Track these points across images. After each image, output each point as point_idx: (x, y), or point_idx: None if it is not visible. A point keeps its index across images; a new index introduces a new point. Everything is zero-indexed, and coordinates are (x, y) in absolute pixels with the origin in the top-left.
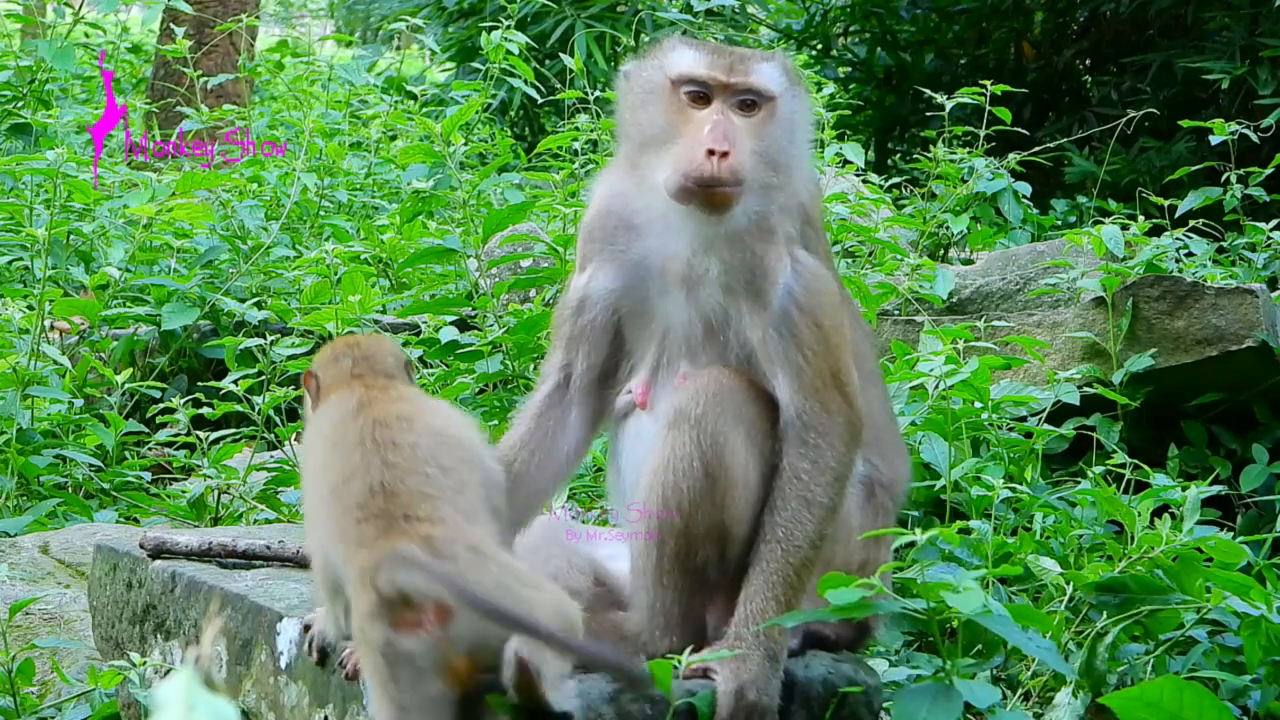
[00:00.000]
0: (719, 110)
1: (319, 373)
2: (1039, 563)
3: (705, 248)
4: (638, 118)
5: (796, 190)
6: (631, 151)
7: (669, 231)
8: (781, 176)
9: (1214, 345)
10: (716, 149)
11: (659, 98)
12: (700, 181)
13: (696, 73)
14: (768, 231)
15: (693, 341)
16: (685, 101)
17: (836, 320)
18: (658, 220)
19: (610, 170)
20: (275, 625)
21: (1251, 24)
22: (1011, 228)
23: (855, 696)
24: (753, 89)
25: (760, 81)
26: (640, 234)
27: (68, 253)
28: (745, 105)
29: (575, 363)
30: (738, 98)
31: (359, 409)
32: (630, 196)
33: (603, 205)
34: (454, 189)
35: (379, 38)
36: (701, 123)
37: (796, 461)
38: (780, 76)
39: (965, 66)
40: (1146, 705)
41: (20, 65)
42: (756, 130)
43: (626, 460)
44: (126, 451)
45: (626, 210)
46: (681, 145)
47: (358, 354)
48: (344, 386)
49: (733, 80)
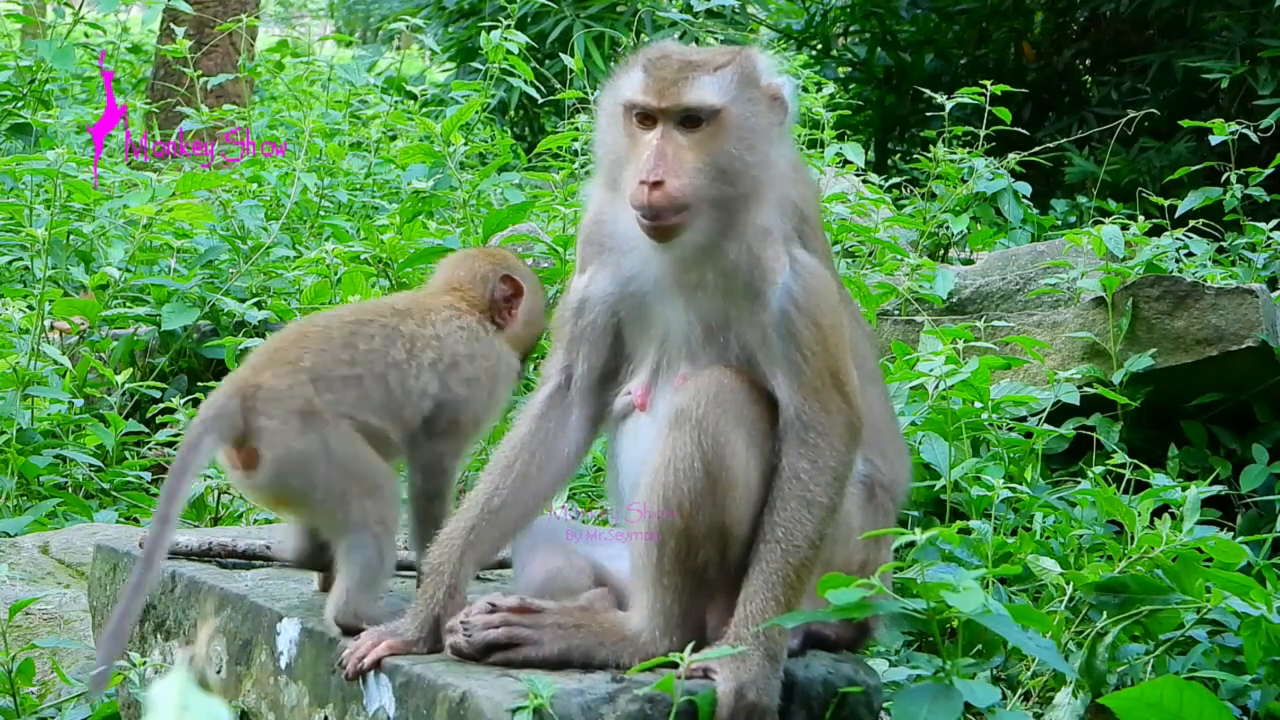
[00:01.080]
0: (661, 134)
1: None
2: (1039, 563)
3: (686, 265)
4: (604, 139)
5: (783, 190)
6: (606, 171)
7: (650, 250)
8: (742, 185)
9: (1214, 345)
10: (648, 180)
11: (616, 122)
12: (643, 213)
13: (635, 98)
14: (763, 231)
15: (692, 344)
16: (635, 125)
17: (835, 320)
18: (637, 238)
19: (597, 180)
20: (275, 625)
21: (1251, 24)
22: (1011, 228)
23: (855, 696)
24: (688, 108)
25: (697, 98)
26: (637, 239)
27: (68, 253)
28: (687, 122)
29: (576, 364)
30: (677, 117)
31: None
32: (613, 212)
33: (598, 211)
34: (454, 189)
35: (379, 38)
36: (644, 150)
37: (796, 461)
38: (728, 85)
39: (965, 66)
40: (1146, 705)
41: (20, 65)
42: (704, 145)
43: (625, 461)
44: (126, 451)
45: (612, 223)
46: (631, 172)
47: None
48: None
49: (665, 105)
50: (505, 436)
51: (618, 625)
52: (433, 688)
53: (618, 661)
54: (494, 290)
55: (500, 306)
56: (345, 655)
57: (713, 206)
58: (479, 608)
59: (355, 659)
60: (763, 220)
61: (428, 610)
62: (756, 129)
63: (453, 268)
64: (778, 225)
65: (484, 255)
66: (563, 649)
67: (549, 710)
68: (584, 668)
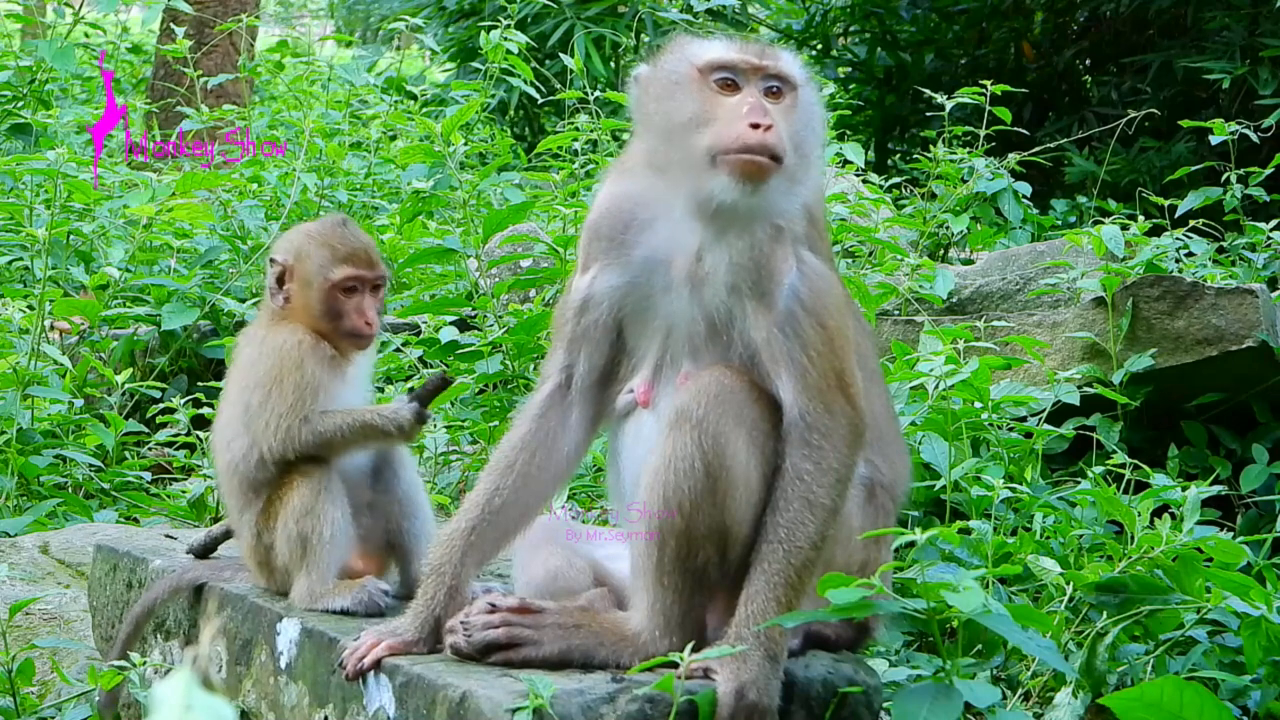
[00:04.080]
0: (751, 94)
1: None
2: (1039, 563)
3: (718, 238)
4: (663, 108)
5: (807, 188)
6: (652, 144)
7: (683, 224)
8: (804, 167)
9: (1214, 345)
10: (761, 122)
11: (686, 87)
12: (744, 148)
13: (728, 58)
14: (776, 230)
15: (696, 340)
16: (714, 89)
17: (841, 322)
18: (674, 211)
19: (618, 169)
20: (275, 625)
21: (1251, 24)
22: (1011, 228)
23: (855, 696)
24: (781, 74)
25: (786, 67)
26: (650, 229)
27: (68, 253)
28: (773, 91)
29: (578, 363)
30: (766, 83)
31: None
32: (642, 192)
33: (611, 203)
34: (454, 189)
35: (379, 38)
36: (736, 106)
37: (799, 462)
38: (802, 68)
39: (965, 66)
40: (1146, 705)
41: (20, 65)
42: (785, 115)
43: (626, 460)
44: (126, 451)
45: (637, 206)
46: (719, 125)
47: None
48: None
49: (764, 63)
50: (505, 436)
51: (618, 625)
52: (433, 688)
53: (618, 662)
54: (268, 280)
55: (275, 291)
56: (345, 655)
57: (787, 177)
58: (479, 608)
59: (355, 659)
60: (786, 211)
61: (428, 611)
62: (816, 118)
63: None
64: (791, 225)
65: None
66: (563, 649)
67: (549, 710)
68: (584, 668)
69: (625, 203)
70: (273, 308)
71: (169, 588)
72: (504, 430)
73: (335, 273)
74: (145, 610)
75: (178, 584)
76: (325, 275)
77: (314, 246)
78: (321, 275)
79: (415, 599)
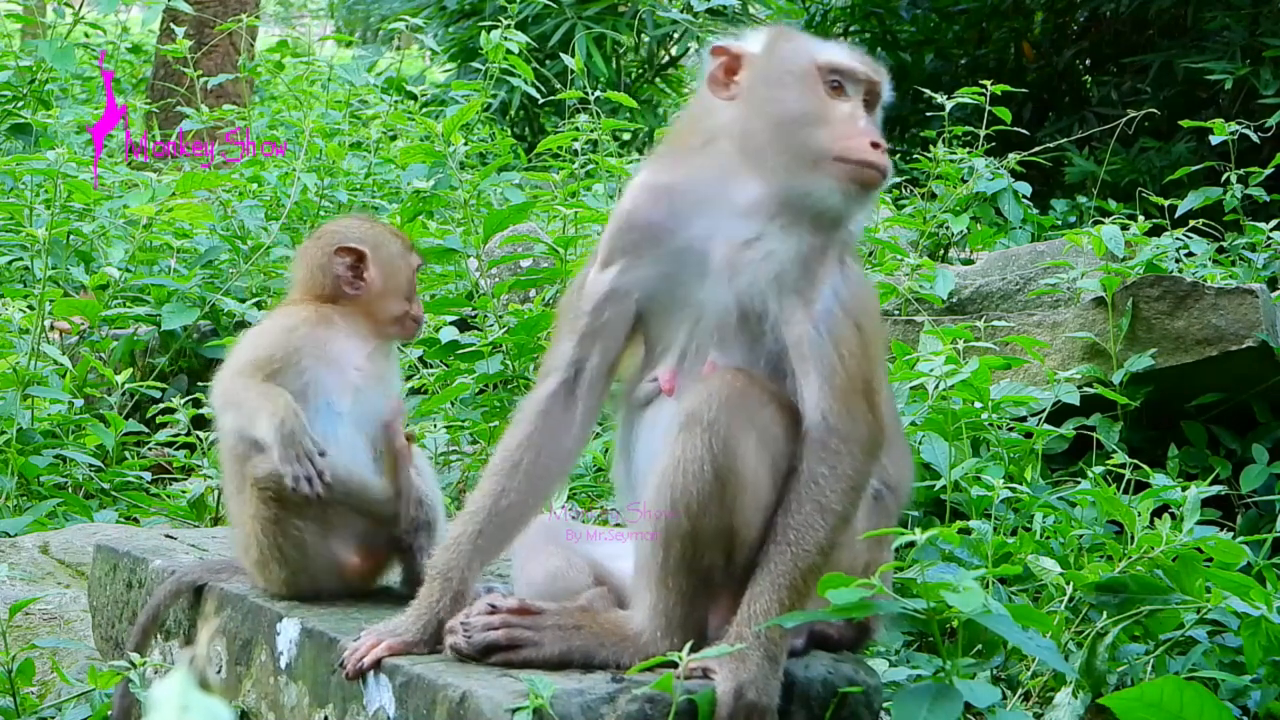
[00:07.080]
0: (857, 104)
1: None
2: (1039, 563)
3: (781, 232)
4: (775, 94)
5: None
6: (751, 126)
7: (741, 212)
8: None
9: (1214, 345)
10: (881, 143)
11: (801, 81)
12: (864, 161)
13: (850, 65)
14: (833, 235)
15: (725, 330)
16: (827, 90)
17: (876, 329)
18: (736, 197)
19: (655, 160)
20: (275, 625)
21: (1252, 24)
22: (1011, 228)
23: (855, 696)
24: (880, 90)
25: (885, 85)
26: (692, 218)
27: (68, 253)
28: (869, 104)
29: (589, 357)
30: (867, 95)
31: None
32: (687, 180)
33: (649, 194)
34: (454, 189)
35: (379, 38)
36: (850, 114)
37: (815, 466)
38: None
39: (965, 66)
40: (1146, 705)
41: (20, 65)
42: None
43: (641, 449)
44: (126, 451)
45: (679, 195)
46: (836, 129)
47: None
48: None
49: (876, 78)
50: (507, 434)
51: (618, 625)
52: (433, 688)
53: (618, 662)
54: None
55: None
56: (345, 655)
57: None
58: (479, 609)
59: (355, 659)
60: (860, 224)
61: (431, 613)
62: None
63: (295, 267)
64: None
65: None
66: (563, 650)
67: (549, 710)
68: (584, 668)
69: (664, 194)
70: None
71: (169, 592)
72: (504, 430)
73: (414, 259)
74: (150, 619)
75: (177, 587)
76: (407, 260)
77: (387, 235)
78: (404, 260)
79: (418, 599)
